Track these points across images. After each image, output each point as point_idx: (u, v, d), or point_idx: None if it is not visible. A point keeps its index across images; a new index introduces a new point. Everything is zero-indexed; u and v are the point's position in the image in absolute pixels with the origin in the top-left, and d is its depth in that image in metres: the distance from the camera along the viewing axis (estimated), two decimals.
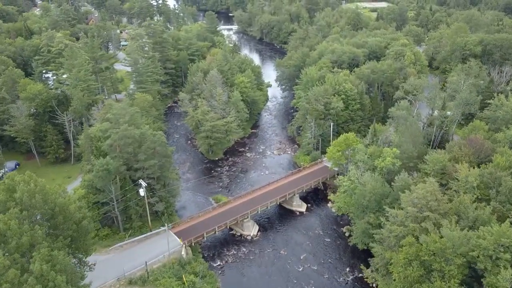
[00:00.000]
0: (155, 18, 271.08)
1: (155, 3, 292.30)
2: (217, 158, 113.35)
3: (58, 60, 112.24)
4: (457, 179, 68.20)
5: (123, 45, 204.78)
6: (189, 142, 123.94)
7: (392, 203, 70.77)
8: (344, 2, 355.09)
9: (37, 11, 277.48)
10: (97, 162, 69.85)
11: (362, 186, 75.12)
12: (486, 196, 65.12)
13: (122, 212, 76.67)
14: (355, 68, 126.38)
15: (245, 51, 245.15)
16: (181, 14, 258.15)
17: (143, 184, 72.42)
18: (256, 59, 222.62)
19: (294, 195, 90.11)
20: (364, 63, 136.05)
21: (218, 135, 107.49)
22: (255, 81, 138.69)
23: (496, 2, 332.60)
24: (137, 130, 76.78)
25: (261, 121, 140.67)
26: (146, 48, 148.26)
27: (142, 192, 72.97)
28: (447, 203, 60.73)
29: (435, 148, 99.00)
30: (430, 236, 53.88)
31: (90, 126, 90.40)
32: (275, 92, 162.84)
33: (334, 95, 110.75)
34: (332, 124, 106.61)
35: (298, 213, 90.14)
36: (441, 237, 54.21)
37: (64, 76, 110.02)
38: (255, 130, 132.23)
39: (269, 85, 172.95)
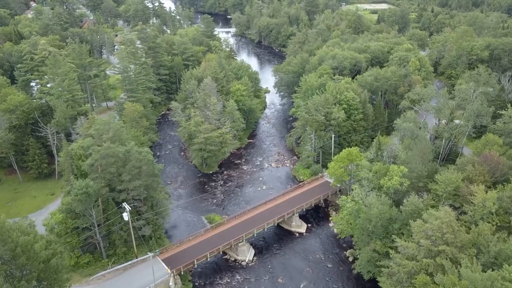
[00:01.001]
0: (151, 21, 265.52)
1: (151, 6, 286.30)
2: (211, 172, 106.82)
3: (42, 69, 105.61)
4: (472, 202, 61.74)
5: (117, 49, 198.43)
6: (182, 153, 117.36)
7: (401, 228, 64.36)
8: (344, 4, 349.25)
9: (30, 14, 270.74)
10: (76, 185, 63.34)
11: (367, 208, 68.69)
12: (507, 224, 58.71)
13: (105, 237, 70.19)
14: (358, 76, 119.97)
15: (243, 55, 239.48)
16: (178, 17, 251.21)
17: (127, 208, 65.86)
18: (254, 63, 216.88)
19: (293, 214, 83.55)
20: (366, 69, 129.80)
21: (212, 147, 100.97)
22: (252, 88, 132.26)
23: (499, 3, 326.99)
24: (121, 148, 70.25)
25: (258, 130, 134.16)
26: (140, 52, 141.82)
27: (126, 216, 66.42)
28: (464, 233, 54.16)
29: (443, 161, 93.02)
30: (448, 278, 47.36)
31: (72, 141, 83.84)
32: (273, 98, 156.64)
33: (335, 105, 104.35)
34: (333, 135, 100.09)
35: (297, 234, 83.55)
36: (460, 278, 47.70)
37: (49, 85, 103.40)
38: (252, 140, 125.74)
39: (267, 91, 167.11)
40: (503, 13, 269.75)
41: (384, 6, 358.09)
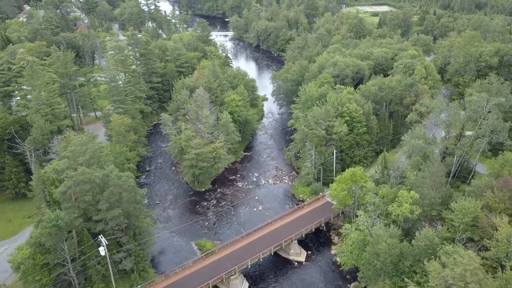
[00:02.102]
0: (147, 24, 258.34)
1: (146, 9, 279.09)
2: (203, 189, 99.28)
3: (19, 80, 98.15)
4: (495, 237, 54.28)
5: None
6: (173, 168, 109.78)
7: (413, 265, 56.85)
8: (344, 6, 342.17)
9: (22, 18, 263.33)
10: (45, 217, 55.87)
11: (373, 239, 61.20)
12: None
13: (80, 273, 62.66)
14: (360, 85, 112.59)
15: (241, 59, 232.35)
16: (173, 21, 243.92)
17: (103, 241, 58.35)
18: (252, 68, 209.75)
19: (292, 241, 75.99)
20: (369, 78, 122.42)
21: (204, 164, 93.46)
22: (248, 97, 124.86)
23: (502, 5, 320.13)
24: (99, 172, 62.76)
25: (255, 141, 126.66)
26: (131, 59, 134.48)
27: (102, 251, 58.89)
28: (491, 281, 46.64)
29: (453, 178, 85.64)
30: None
31: (48, 161, 76.32)
32: (271, 106, 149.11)
33: (337, 117, 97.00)
34: (335, 151, 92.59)
35: (296, 263, 75.94)
36: None
37: (29, 97, 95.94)
38: (249, 153, 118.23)
39: (265, 99, 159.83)
40: (507, 16, 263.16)
41: (385, 8, 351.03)
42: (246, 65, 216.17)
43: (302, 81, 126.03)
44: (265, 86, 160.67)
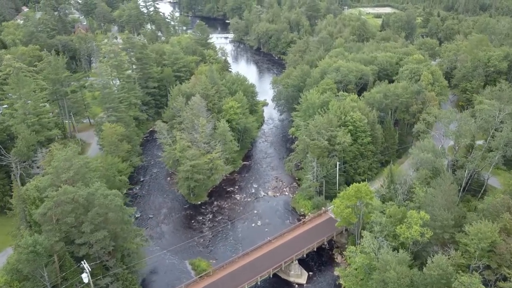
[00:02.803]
0: (146, 26, 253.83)
1: (145, 11, 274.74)
2: (199, 202, 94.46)
3: (4, 88, 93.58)
4: None
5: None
6: (168, 178, 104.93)
7: None
8: (346, 7, 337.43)
9: (19, 20, 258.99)
10: (22, 242, 51.14)
11: (380, 265, 56.25)
12: None
13: None
14: (365, 92, 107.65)
15: (241, 62, 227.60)
16: (172, 23, 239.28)
17: (87, 268, 53.58)
18: (252, 71, 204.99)
19: (292, 262, 71.09)
20: (374, 83, 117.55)
21: (199, 176, 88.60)
22: (248, 104, 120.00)
23: (508, 7, 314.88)
24: (83, 191, 58.02)
25: (255, 149, 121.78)
26: (126, 64, 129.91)
27: (85, 278, 54.15)
28: None
29: (463, 191, 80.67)
30: None
31: (33, 176, 71.63)
32: (272, 112, 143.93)
33: (340, 127, 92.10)
34: (338, 163, 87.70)
35: (296, 286, 71.02)
36: None
37: (17, 105, 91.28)
38: (248, 162, 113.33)
39: (265, 104, 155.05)
40: None
41: (388, 10, 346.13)
42: (246, 68, 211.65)
43: (303, 87, 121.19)
44: (266, 90, 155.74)
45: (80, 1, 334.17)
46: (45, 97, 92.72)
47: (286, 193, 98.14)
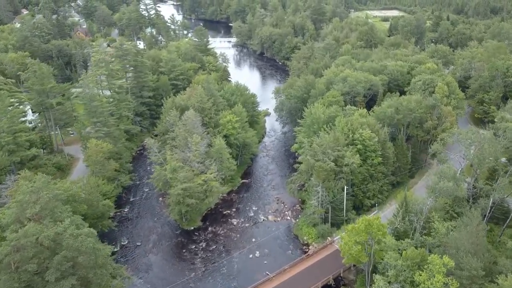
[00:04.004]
0: (147, 30, 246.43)
1: (146, 14, 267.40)
2: (192, 228, 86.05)
3: None
4: None
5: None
6: (160, 199, 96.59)
7: None
8: (352, 10, 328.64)
9: (17, 24, 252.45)
10: None
11: None
12: None
13: None
14: (374, 107, 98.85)
15: (244, 67, 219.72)
16: (172, 27, 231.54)
17: None
18: (255, 77, 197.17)
19: None
20: (384, 95, 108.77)
21: (192, 200, 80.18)
22: (248, 116, 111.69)
23: None
24: (50, 230, 49.81)
25: (255, 165, 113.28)
26: (119, 73, 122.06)
27: None
28: None
29: (484, 218, 71.62)
30: None
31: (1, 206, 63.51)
32: (274, 123, 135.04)
33: (348, 146, 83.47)
34: (345, 187, 79.00)
35: None
36: None
37: None
38: (247, 180, 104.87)
39: (267, 113, 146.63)
40: None
41: (395, 12, 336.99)
42: (249, 74, 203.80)
43: (307, 98, 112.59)
44: (268, 98, 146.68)
45: (81, 4, 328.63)
46: (19, 113, 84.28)
47: (288, 217, 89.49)
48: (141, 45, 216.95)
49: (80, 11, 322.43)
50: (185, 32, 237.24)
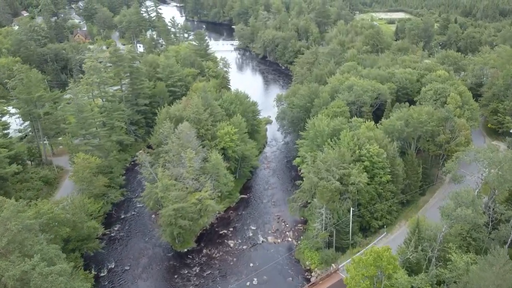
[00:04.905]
0: (148, 32, 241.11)
1: (147, 16, 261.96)
2: (186, 250, 79.90)
3: None
4: None
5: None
6: (153, 216, 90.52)
7: None
8: (357, 13, 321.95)
9: (16, 26, 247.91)
10: None
11: None
12: None
13: None
14: (382, 119, 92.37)
15: (246, 71, 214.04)
16: (173, 30, 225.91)
17: None
18: (257, 82, 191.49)
19: None
20: (392, 105, 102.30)
21: (185, 222, 74.04)
22: (247, 126, 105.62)
23: None
24: (16, 269, 43.81)
25: (255, 178, 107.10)
26: (111, 80, 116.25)
27: None
28: None
29: (505, 244, 64.91)
30: None
31: None
32: (276, 131, 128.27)
33: (354, 163, 77.07)
34: (351, 209, 72.63)
35: None
36: None
37: None
38: (246, 195, 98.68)
39: (269, 121, 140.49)
40: None
41: (401, 15, 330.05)
42: (250, 79, 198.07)
43: (311, 107, 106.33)
44: (270, 105, 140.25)
45: (82, 6, 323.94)
46: (5, 126, 78.83)
47: (290, 239, 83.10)
48: (141, 48, 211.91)
49: (80, 13, 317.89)
50: (186, 35, 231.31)
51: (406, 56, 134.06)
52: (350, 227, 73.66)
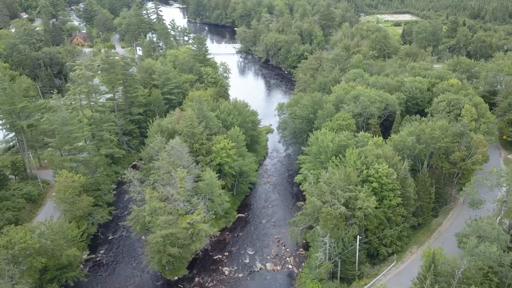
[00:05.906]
0: (148, 35, 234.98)
1: (147, 19, 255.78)
2: (176, 277, 73.09)
3: None
4: None
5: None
6: (143, 237, 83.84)
7: None
8: (363, 15, 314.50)
9: (13, 29, 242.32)
10: None
11: None
12: None
13: None
14: (392, 134, 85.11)
15: (248, 76, 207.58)
16: (173, 32, 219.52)
17: None
18: (259, 87, 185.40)
19: None
20: (402, 116, 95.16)
21: (175, 249, 67.25)
22: (246, 138, 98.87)
23: None
24: None
25: (254, 194, 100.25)
26: (101, 88, 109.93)
27: None
28: None
29: None
30: None
31: None
32: (277, 142, 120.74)
33: (362, 184, 70.01)
34: (358, 237, 65.57)
35: None
36: None
37: None
38: (244, 214, 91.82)
39: (270, 130, 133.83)
40: None
41: (407, 17, 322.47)
42: (252, 83, 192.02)
43: (314, 118, 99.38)
44: (272, 112, 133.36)
45: (82, 7, 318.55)
46: None
47: (290, 266, 76.07)
48: (140, 51, 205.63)
49: (80, 15, 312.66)
50: (186, 38, 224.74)
51: (416, 63, 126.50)
52: (357, 256, 66.60)
